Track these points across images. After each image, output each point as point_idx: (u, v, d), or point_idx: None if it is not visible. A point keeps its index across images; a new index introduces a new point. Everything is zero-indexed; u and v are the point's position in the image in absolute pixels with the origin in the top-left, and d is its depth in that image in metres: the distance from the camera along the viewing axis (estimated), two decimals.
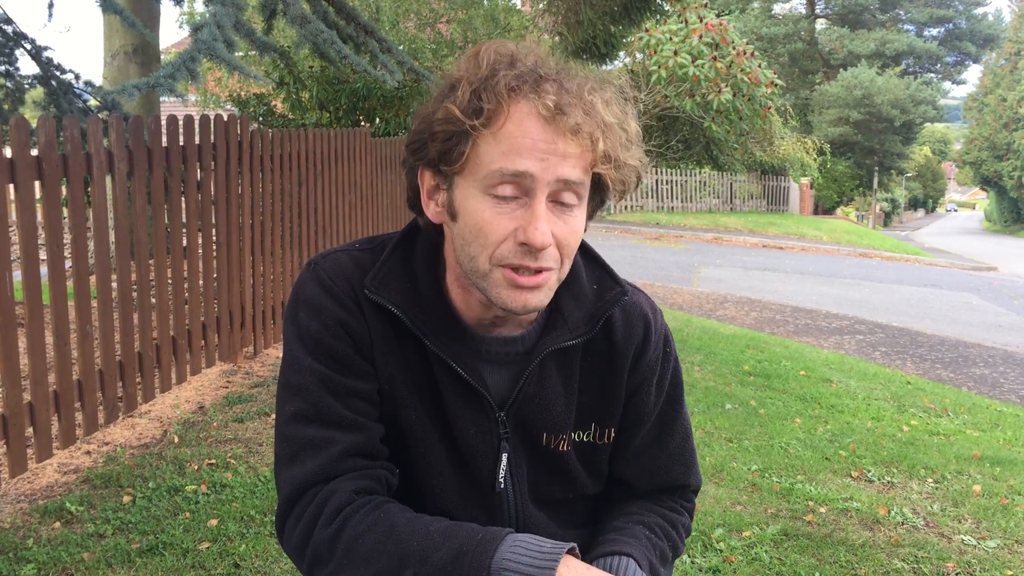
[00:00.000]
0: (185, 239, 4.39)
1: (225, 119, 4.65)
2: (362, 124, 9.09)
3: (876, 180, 40.84)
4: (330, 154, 5.88)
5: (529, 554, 1.04)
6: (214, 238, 4.65)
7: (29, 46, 5.73)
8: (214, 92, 18.52)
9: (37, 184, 3.30)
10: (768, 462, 4.07)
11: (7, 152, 3.27)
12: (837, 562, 3.02)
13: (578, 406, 1.25)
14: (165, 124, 4.28)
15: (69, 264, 3.73)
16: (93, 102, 5.98)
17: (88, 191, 3.75)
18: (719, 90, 19.55)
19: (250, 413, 4.11)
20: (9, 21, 5.68)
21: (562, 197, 1.08)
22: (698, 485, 1.38)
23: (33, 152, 3.32)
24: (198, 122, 4.41)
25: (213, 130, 4.54)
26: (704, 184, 23.05)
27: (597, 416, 1.26)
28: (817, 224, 23.08)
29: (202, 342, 4.55)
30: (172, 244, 4.25)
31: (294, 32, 6.27)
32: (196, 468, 3.45)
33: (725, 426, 4.63)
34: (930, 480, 4.03)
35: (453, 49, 16.18)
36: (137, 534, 2.87)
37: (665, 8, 9.71)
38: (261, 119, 8.93)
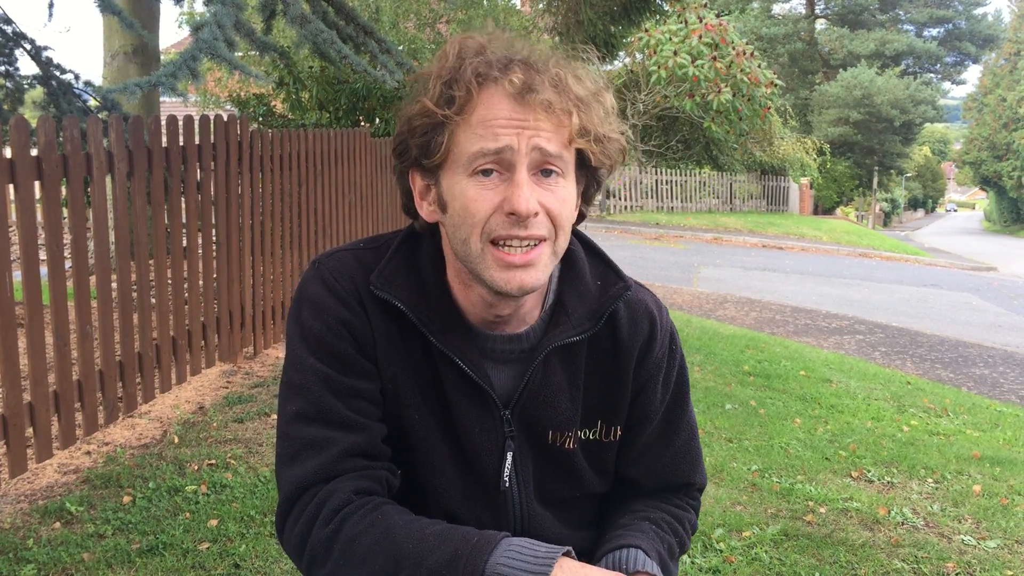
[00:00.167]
0: (185, 239, 4.39)
1: (225, 119, 4.65)
2: (362, 124, 9.09)
3: (876, 180, 40.84)
4: (330, 154, 5.88)
5: (523, 558, 1.04)
6: (214, 238, 4.65)
7: (29, 46, 5.72)
8: (214, 92, 18.52)
9: (37, 184, 3.31)
10: (768, 462, 4.07)
11: (7, 152, 3.27)
12: (837, 562, 3.02)
13: (584, 404, 1.24)
14: (165, 124, 4.28)
15: (69, 264, 3.73)
16: (93, 102, 5.98)
17: (88, 191, 3.75)
18: (719, 90, 19.57)
19: (250, 413, 4.11)
20: (9, 21, 5.68)
21: (544, 168, 1.09)
22: (703, 483, 1.38)
23: (33, 152, 3.32)
24: (198, 122, 4.41)
25: (213, 130, 4.54)
26: (704, 184, 23.06)
27: (603, 414, 1.26)
28: (817, 224, 23.09)
29: (202, 342, 4.55)
30: (172, 244, 4.25)
31: (294, 32, 6.27)
32: (196, 468, 3.45)
33: (725, 426, 4.63)
34: (930, 480, 4.03)
35: None
36: (137, 534, 2.87)
37: (665, 8, 9.71)
38: (261, 119, 8.93)
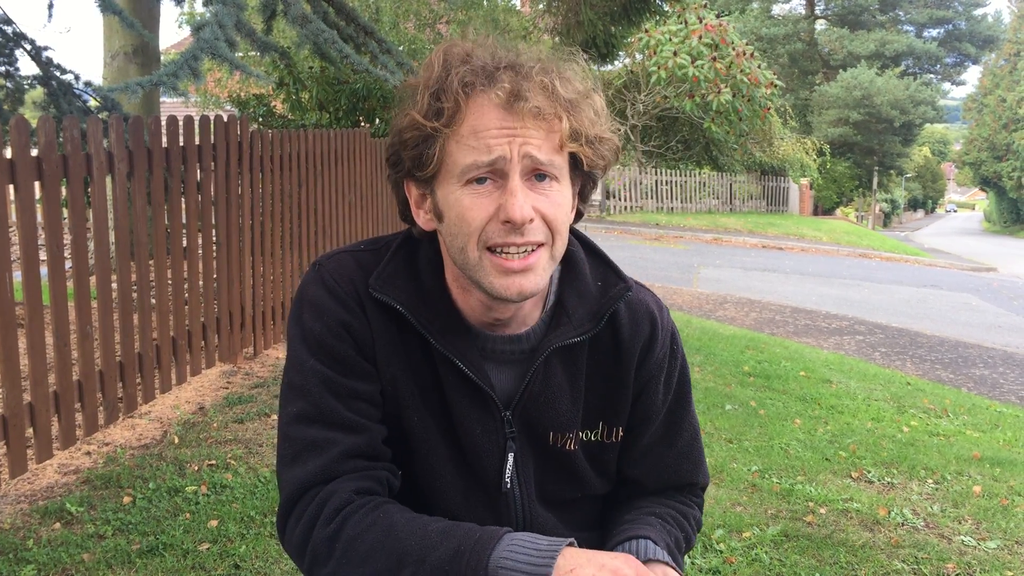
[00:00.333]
0: (185, 240, 4.39)
1: (225, 120, 4.65)
2: (362, 125, 9.09)
3: (876, 181, 40.85)
4: (330, 155, 5.88)
5: (526, 552, 1.04)
6: (214, 239, 4.65)
7: (29, 46, 5.72)
8: (214, 93, 18.52)
9: (37, 185, 3.30)
10: (768, 463, 4.07)
11: (7, 153, 3.27)
12: (837, 563, 3.02)
13: (585, 405, 1.24)
14: (165, 125, 4.28)
15: (69, 265, 3.73)
16: (93, 103, 5.98)
17: (88, 192, 3.75)
18: (719, 91, 19.57)
19: (250, 414, 4.11)
20: (9, 21, 5.68)
21: (537, 175, 1.09)
22: (706, 482, 1.38)
23: (33, 152, 3.32)
24: (198, 123, 4.41)
25: (213, 131, 4.54)
26: (704, 185, 23.06)
27: (605, 415, 1.26)
28: (817, 225, 23.09)
29: (202, 343, 4.54)
30: (172, 245, 4.25)
31: (294, 32, 6.27)
32: (196, 469, 3.44)
33: (725, 427, 4.63)
34: (930, 481, 4.03)
35: None
36: (137, 535, 2.87)
37: (664, 9, 9.72)
38: (261, 120, 8.93)
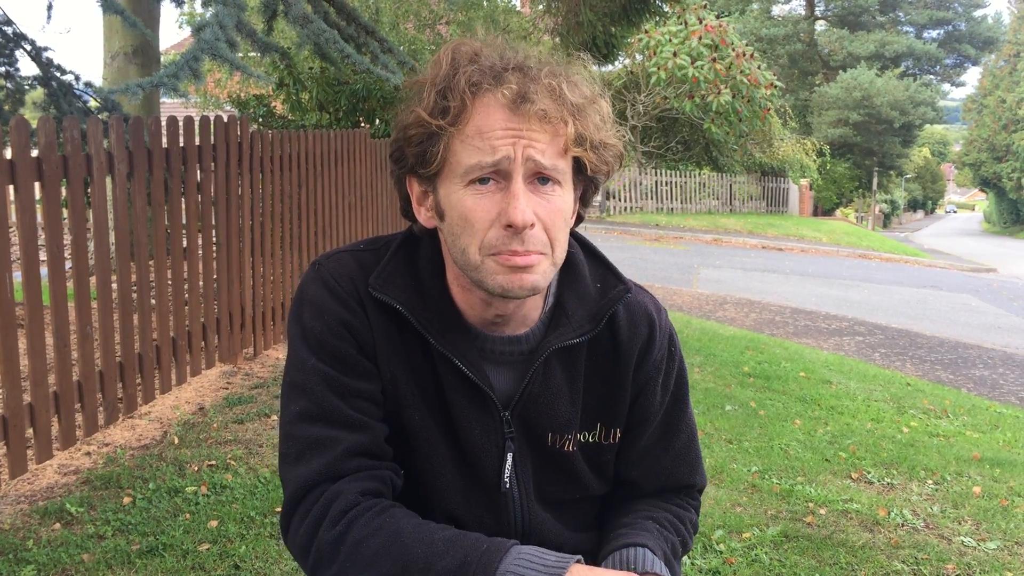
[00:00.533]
0: (185, 240, 4.39)
1: (225, 120, 4.65)
2: (362, 125, 9.09)
3: (875, 181, 40.87)
4: (330, 155, 5.88)
5: (534, 567, 1.04)
6: (214, 239, 4.65)
7: (29, 47, 5.73)
8: (213, 93, 18.52)
9: (37, 185, 3.30)
10: (768, 463, 4.07)
11: (7, 153, 3.27)
12: (837, 564, 3.02)
13: (583, 406, 1.24)
14: (165, 125, 4.28)
15: (69, 265, 3.73)
16: (93, 103, 5.98)
17: (88, 192, 3.75)
18: (718, 91, 19.58)
19: (250, 414, 4.11)
20: (9, 22, 5.68)
21: (540, 178, 1.08)
22: (703, 484, 1.38)
23: (33, 153, 3.32)
24: (198, 123, 4.42)
25: (213, 131, 4.54)
26: (703, 185, 23.07)
27: (603, 416, 1.26)
28: (816, 225, 23.09)
29: (202, 343, 4.55)
30: (172, 245, 4.25)
31: (294, 33, 6.27)
32: (196, 469, 3.44)
33: (725, 427, 4.63)
34: (930, 482, 4.03)
35: None
36: (137, 535, 2.87)
37: (664, 9, 9.73)
38: (261, 120, 8.93)
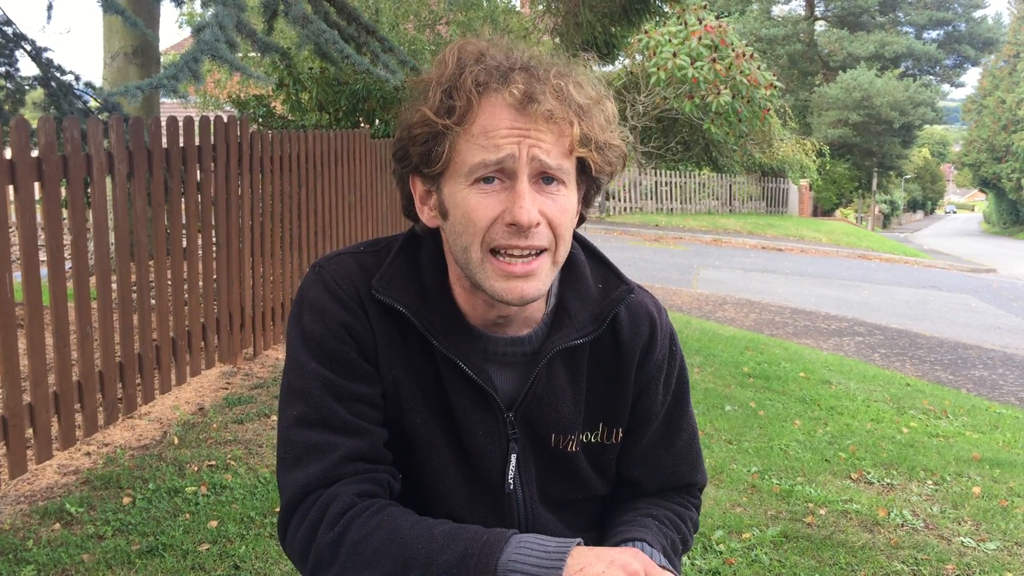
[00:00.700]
0: (185, 240, 4.39)
1: (225, 120, 4.65)
2: (362, 125, 9.09)
3: (875, 182, 40.85)
4: (330, 155, 5.88)
5: (535, 554, 1.04)
6: (214, 239, 4.65)
7: (29, 47, 5.73)
8: (213, 94, 18.52)
9: (37, 185, 3.31)
10: (768, 464, 4.07)
11: (7, 153, 3.27)
12: (837, 564, 3.02)
13: (586, 407, 1.25)
14: (165, 125, 4.28)
15: (69, 265, 3.73)
16: (93, 103, 5.98)
17: (88, 192, 3.75)
18: (718, 92, 19.58)
19: (250, 414, 4.11)
20: (9, 23, 5.69)
21: (545, 178, 1.09)
22: (704, 483, 1.39)
23: (33, 153, 3.32)
24: (198, 123, 4.42)
25: (213, 131, 4.54)
26: (703, 186, 23.07)
27: (605, 416, 1.26)
28: (816, 226, 23.09)
29: (202, 343, 4.54)
30: (172, 245, 4.25)
31: (294, 33, 6.27)
32: (196, 469, 3.44)
33: (725, 428, 4.63)
34: (930, 482, 4.03)
35: None
36: (137, 535, 2.87)
37: (664, 10, 9.73)
38: (261, 120, 8.93)
